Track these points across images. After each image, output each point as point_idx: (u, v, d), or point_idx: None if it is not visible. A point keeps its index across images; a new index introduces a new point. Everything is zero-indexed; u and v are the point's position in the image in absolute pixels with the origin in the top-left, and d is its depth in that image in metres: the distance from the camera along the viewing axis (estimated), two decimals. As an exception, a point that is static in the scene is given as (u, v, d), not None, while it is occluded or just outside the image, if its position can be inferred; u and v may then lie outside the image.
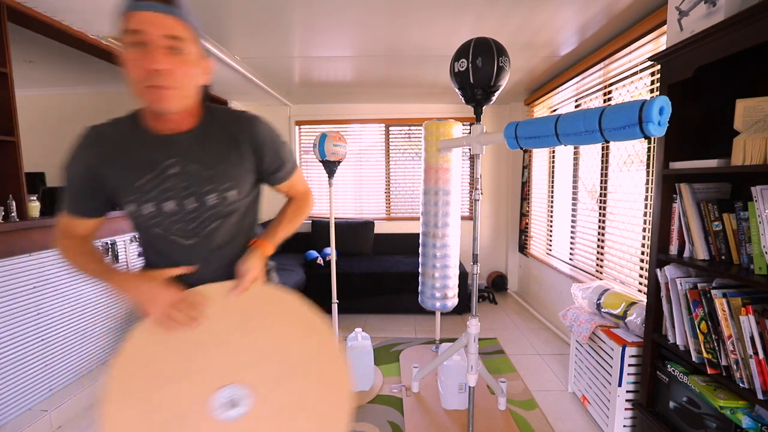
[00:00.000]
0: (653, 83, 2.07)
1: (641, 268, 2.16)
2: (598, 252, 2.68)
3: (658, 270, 1.54)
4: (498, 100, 3.80)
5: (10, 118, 1.87)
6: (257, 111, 2.82)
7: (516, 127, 1.26)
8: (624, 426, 1.77)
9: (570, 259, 3.14)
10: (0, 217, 1.78)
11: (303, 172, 3.94)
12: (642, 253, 2.15)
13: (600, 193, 2.64)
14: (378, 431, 1.93)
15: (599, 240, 2.65)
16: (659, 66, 1.59)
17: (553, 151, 3.53)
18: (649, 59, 1.57)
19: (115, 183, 0.79)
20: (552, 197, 3.55)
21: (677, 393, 1.50)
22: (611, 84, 2.51)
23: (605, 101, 2.61)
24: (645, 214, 2.11)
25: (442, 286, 2.46)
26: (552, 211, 3.55)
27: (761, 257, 1.17)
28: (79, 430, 1.98)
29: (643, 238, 2.12)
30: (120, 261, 2.55)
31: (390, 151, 4.36)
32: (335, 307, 2.53)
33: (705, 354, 1.34)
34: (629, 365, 1.75)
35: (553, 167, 3.52)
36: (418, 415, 2.06)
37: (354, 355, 2.25)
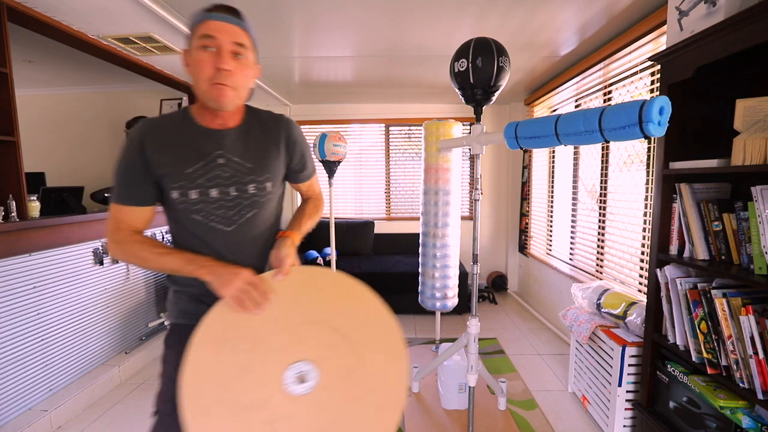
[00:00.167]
0: (653, 83, 2.07)
1: (641, 268, 2.16)
2: (598, 252, 2.68)
3: (658, 270, 1.54)
4: (498, 100, 3.80)
5: (10, 118, 1.87)
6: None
7: (516, 127, 1.26)
8: (624, 426, 1.77)
9: (570, 259, 3.14)
10: (0, 217, 1.78)
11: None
12: (642, 253, 2.15)
13: (600, 193, 2.64)
14: (378, 431, 1.93)
15: (599, 240, 2.65)
16: (659, 66, 1.59)
17: (553, 151, 3.53)
18: (649, 59, 1.57)
19: (165, 170, 0.86)
20: (552, 197, 3.55)
21: (677, 393, 1.50)
22: (611, 84, 2.51)
23: (605, 101, 2.61)
24: (645, 214, 2.11)
25: (442, 286, 2.46)
26: (552, 211, 3.55)
27: (761, 257, 1.17)
28: (79, 430, 1.98)
29: (643, 238, 2.12)
30: (120, 261, 2.55)
31: (390, 151, 4.36)
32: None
33: (705, 354, 1.34)
34: (629, 365, 1.75)
35: (553, 167, 3.52)
36: (418, 415, 2.06)
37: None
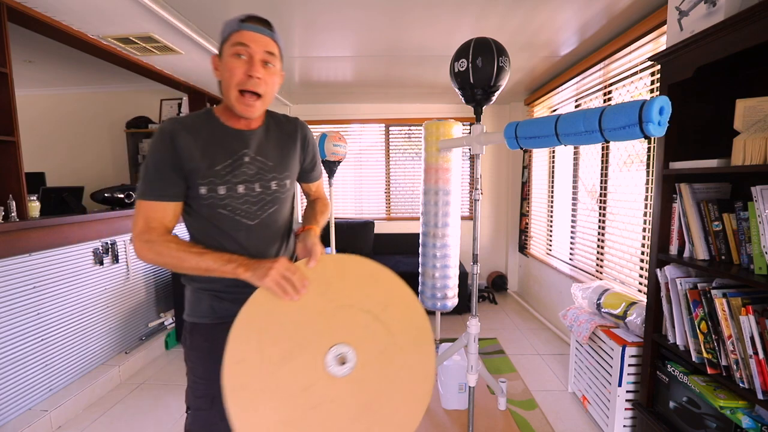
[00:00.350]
0: (653, 83, 2.07)
1: (641, 268, 2.16)
2: (598, 252, 2.68)
3: (658, 270, 1.54)
4: (498, 100, 3.80)
5: (10, 118, 1.87)
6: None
7: (516, 127, 1.26)
8: (624, 426, 1.77)
9: (570, 259, 3.14)
10: (0, 217, 1.78)
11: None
12: (642, 253, 2.15)
13: (600, 193, 2.64)
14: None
15: (599, 240, 2.65)
16: (659, 66, 1.59)
17: (553, 151, 3.53)
18: (649, 59, 1.57)
19: (195, 166, 0.89)
20: (552, 197, 3.55)
21: (677, 393, 1.50)
22: (611, 84, 2.51)
23: (605, 101, 2.61)
24: (645, 214, 2.11)
25: (442, 286, 2.46)
26: (552, 211, 3.55)
27: (761, 257, 1.17)
28: (79, 430, 1.98)
29: (643, 238, 2.12)
30: (120, 261, 2.55)
31: (390, 151, 4.36)
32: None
33: (705, 354, 1.34)
34: (629, 365, 1.75)
35: (553, 167, 3.52)
36: (418, 415, 2.06)
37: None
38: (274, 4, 1.94)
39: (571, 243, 3.11)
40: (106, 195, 2.59)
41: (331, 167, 2.99)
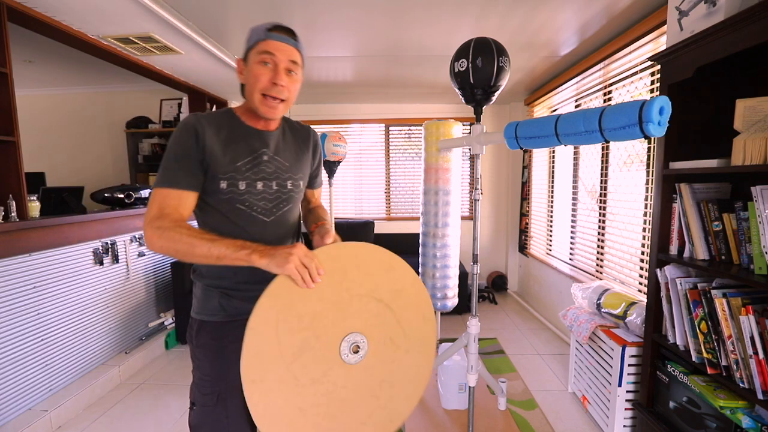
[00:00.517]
0: (653, 83, 2.07)
1: (641, 268, 2.16)
2: (598, 252, 2.68)
3: (658, 270, 1.54)
4: (498, 100, 3.80)
5: (10, 118, 1.87)
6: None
7: (516, 127, 1.26)
8: (624, 426, 1.77)
9: (570, 259, 3.14)
10: (0, 217, 1.78)
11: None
12: (642, 253, 2.15)
13: (600, 193, 2.64)
14: (378, 431, 1.93)
15: (599, 240, 2.65)
16: (659, 66, 1.59)
17: (553, 151, 3.53)
18: (649, 59, 1.57)
19: (217, 160, 0.92)
20: (552, 197, 3.55)
21: (677, 393, 1.50)
22: (611, 84, 2.51)
23: (605, 101, 2.61)
24: (645, 214, 2.11)
25: (442, 286, 2.46)
26: (552, 211, 3.55)
27: (761, 257, 1.17)
28: (79, 430, 1.98)
29: (643, 238, 2.12)
30: (120, 261, 2.55)
31: (390, 151, 4.36)
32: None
33: (705, 354, 1.34)
34: (629, 365, 1.75)
35: (553, 167, 3.52)
36: (418, 415, 2.06)
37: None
38: (274, 4, 1.94)
39: (571, 243, 3.11)
40: (106, 195, 2.59)
41: (331, 167, 2.99)
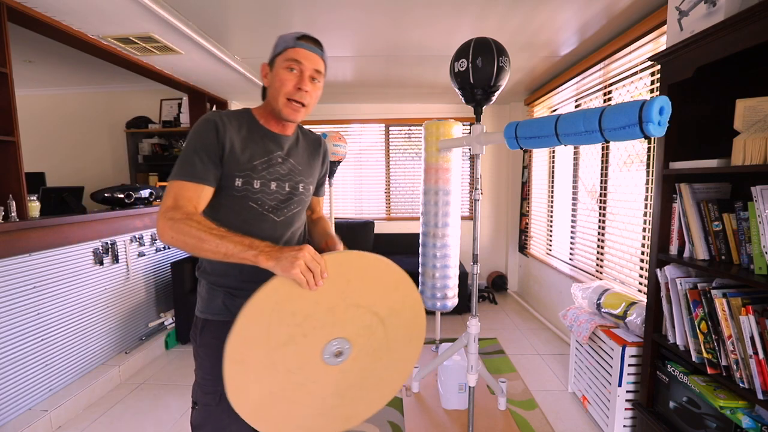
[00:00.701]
0: (653, 83, 2.07)
1: (641, 268, 2.16)
2: (598, 252, 2.68)
3: (658, 270, 1.54)
4: (498, 100, 3.80)
5: (10, 118, 1.87)
6: (257, 111, 2.82)
7: (516, 127, 1.26)
8: (624, 426, 1.77)
9: (570, 259, 3.14)
10: (0, 217, 1.78)
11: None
12: (642, 253, 2.15)
13: (600, 193, 2.64)
14: (378, 431, 1.94)
15: (599, 240, 2.65)
16: (659, 66, 1.59)
17: (553, 151, 3.53)
18: (649, 59, 1.57)
19: (235, 156, 0.95)
20: (552, 197, 3.55)
21: (677, 393, 1.50)
22: (611, 84, 2.51)
23: (605, 101, 2.61)
24: (645, 214, 2.11)
25: (442, 286, 2.46)
26: (552, 211, 3.55)
27: (761, 257, 1.17)
28: (79, 430, 1.98)
29: (643, 238, 2.12)
30: (120, 261, 2.55)
31: (390, 151, 4.36)
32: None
33: (705, 354, 1.34)
34: (629, 365, 1.75)
35: (553, 167, 3.52)
36: (418, 415, 2.06)
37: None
38: (274, 4, 1.94)
39: (571, 243, 3.11)
40: (106, 195, 2.59)
41: (331, 167, 2.99)
